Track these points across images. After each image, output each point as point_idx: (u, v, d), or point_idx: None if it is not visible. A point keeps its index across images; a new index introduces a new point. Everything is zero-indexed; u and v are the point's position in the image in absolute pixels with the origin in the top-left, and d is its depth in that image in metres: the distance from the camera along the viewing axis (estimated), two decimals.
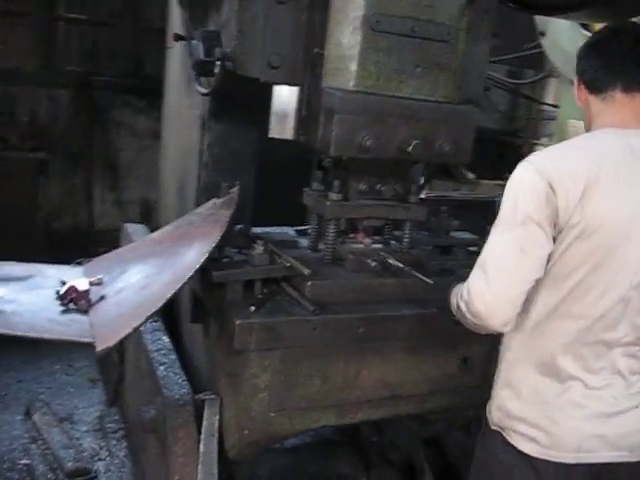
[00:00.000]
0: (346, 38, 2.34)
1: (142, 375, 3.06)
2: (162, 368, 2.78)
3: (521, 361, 1.97)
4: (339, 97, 2.29)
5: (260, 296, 2.40)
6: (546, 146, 9.16)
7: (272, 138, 2.63)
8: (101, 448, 3.54)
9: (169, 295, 2.00)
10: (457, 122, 2.47)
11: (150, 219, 5.99)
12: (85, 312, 2.16)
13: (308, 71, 2.45)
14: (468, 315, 1.89)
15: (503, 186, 1.89)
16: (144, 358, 2.99)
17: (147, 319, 1.94)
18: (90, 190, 5.70)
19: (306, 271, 2.33)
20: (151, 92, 5.86)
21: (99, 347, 1.86)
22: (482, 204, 5.89)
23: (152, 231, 3.77)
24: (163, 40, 5.76)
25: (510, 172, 1.91)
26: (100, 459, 3.45)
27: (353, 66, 2.34)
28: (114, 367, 3.66)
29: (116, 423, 3.71)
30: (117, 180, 5.96)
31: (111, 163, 5.91)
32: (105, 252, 5.65)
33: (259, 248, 2.41)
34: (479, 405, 2.88)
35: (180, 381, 2.71)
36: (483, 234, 3.41)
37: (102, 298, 2.23)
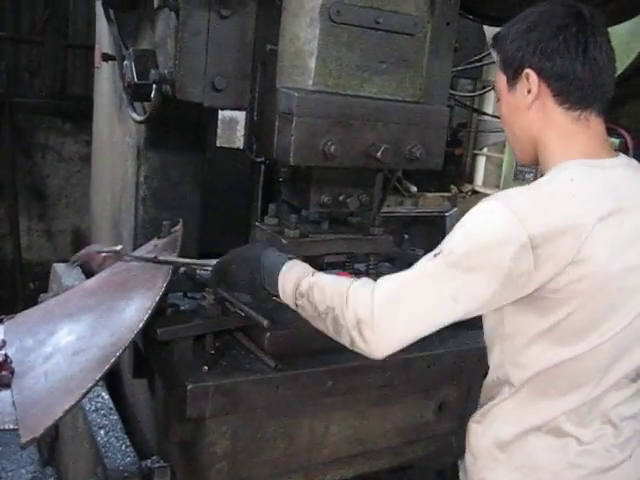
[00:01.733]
0: (303, 31, 2.07)
1: (79, 437, 2.71)
2: (102, 433, 2.45)
3: (507, 423, 1.65)
4: (297, 98, 2.00)
5: (212, 352, 2.10)
6: (488, 157, 9.08)
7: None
8: None
9: (107, 366, 1.69)
10: (428, 124, 2.22)
11: None
12: (7, 386, 1.83)
13: (259, 71, 2.18)
14: (343, 329, 1.56)
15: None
16: (81, 418, 2.65)
17: (82, 397, 1.63)
18: (16, 220, 5.26)
19: (265, 322, 2.04)
20: (78, 113, 5.50)
21: (24, 439, 1.53)
22: (430, 220, 5.71)
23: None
24: (90, 58, 5.39)
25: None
26: None
27: (312, 63, 2.07)
28: None
29: None
30: (45, 209, 5.54)
31: (38, 191, 5.49)
32: (36, 289, 5.29)
33: (209, 297, 2.12)
34: (457, 451, 2.66)
35: (124, 447, 2.38)
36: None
37: (28, 367, 1.89)
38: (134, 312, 1.90)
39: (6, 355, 1.90)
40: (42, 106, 5.49)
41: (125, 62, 2.43)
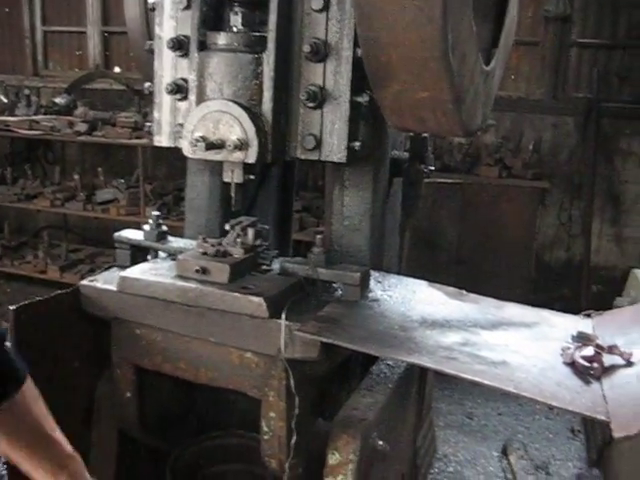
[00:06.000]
0: None
1: None
2: None
3: None
4: None
5: None
6: None
7: None
8: None
9: None
10: None
11: None
12: (597, 379, 1.88)
13: None
14: None
15: None
16: None
17: None
18: (588, 223, 5.38)
19: None
20: None
21: (617, 434, 1.55)
22: None
23: None
24: None
25: None
26: None
27: None
28: (600, 424, 3.29)
29: None
30: (619, 214, 5.51)
31: (614, 195, 5.50)
32: (599, 292, 5.34)
33: None
34: None
35: None
36: None
37: (617, 364, 1.91)
38: None
39: (598, 348, 1.95)
40: (628, 111, 5.45)
41: None
